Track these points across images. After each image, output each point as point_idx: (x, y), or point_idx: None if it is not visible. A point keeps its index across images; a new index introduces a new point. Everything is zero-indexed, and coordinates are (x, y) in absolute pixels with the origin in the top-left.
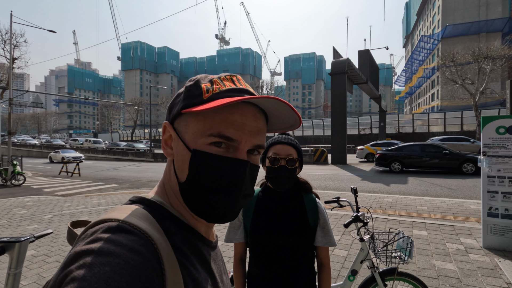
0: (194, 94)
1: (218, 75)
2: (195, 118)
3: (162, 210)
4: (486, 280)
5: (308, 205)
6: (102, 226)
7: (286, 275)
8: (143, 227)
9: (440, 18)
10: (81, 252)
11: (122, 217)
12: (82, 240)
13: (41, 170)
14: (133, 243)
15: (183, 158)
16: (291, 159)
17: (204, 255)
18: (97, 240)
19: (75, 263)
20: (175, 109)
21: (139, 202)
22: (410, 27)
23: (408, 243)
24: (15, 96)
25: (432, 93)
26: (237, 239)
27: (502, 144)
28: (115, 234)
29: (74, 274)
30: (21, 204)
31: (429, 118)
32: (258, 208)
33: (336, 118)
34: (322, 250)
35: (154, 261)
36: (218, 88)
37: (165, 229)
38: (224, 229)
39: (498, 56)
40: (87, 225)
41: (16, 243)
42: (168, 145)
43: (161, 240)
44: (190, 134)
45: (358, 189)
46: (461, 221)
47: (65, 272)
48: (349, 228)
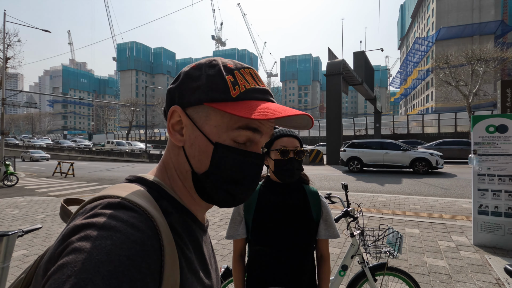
0: (219, 87)
1: (234, 64)
2: (220, 112)
3: (160, 190)
4: (476, 276)
5: (311, 198)
6: (102, 202)
7: (288, 269)
8: (143, 204)
9: (434, 20)
10: (82, 225)
11: (122, 194)
12: (81, 215)
13: (35, 171)
14: (133, 219)
15: (201, 149)
16: (299, 150)
17: (197, 237)
18: (98, 215)
19: (75, 235)
20: (192, 96)
21: (136, 181)
22: (405, 30)
23: (397, 238)
24: (8, 96)
25: (427, 95)
26: (238, 235)
27: (492, 143)
28: (116, 210)
29: (75, 245)
30: (13, 204)
31: (424, 119)
32: (260, 202)
33: (331, 119)
34: (322, 242)
35: (154, 238)
36: (244, 86)
37: (163, 208)
38: (219, 228)
39: (491, 58)
40: (84, 201)
41: (4, 237)
42: (176, 130)
43: (160, 218)
44: (212, 126)
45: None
46: (452, 219)
47: (65, 243)
48: (342, 227)
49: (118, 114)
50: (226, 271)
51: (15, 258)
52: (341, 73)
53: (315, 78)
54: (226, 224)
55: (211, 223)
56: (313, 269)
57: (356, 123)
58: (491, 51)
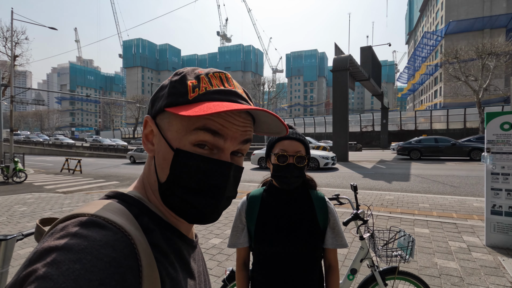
0: (178, 92)
1: (206, 71)
2: (179, 116)
3: (140, 206)
4: (489, 279)
5: (317, 205)
6: (73, 221)
7: (294, 279)
8: (118, 221)
9: (444, 14)
10: (49, 249)
11: (95, 211)
12: (51, 236)
13: (44, 167)
14: (107, 238)
15: (164, 156)
16: (300, 156)
17: (183, 254)
18: (67, 235)
19: (41, 260)
20: (158, 104)
21: (115, 197)
22: (413, 24)
23: (409, 241)
24: (17, 93)
25: (435, 90)
26: (241, 244)
27: (507, 141)
28: (87, 229)
29: (39, 273)
30: (21, 201)
31: (432, 115)
32: (263, 209)
33: (337, 115)
34: (330, 252)
35: (131, 257)
36: (204, 88)
37: (143, 226)
38: (224, 226)
39: (502, 52)
40: (56, 220)
41: (2, 242)
42: (149, 140)
43: (138, 236)
44: (173, 132)
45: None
46: (463, 219)
47: (29, 270)
48: (349, 226)
49: (124, 111)
50: (231, 274)
51: (19, 259)
52: (348, 69)
53: (321, 74)
54: (230, 222)
55: (216, 221)
56: (321, 279)
57: (362, 119)
58: (502, 45)
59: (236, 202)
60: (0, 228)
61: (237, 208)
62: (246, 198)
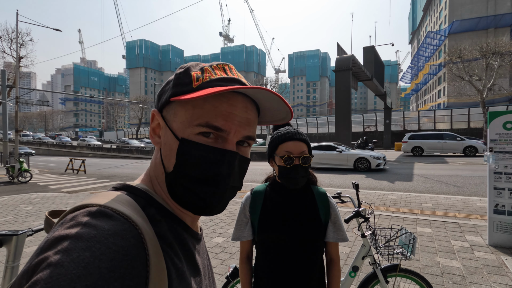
0: (183, 82)
1: (210, 63)
2: (184, 107)
3: (147, 197)
4: (491, 278)
5: (318, 200)
6: (82, 211)
7: (296, 272)
8: (126, 212)
9: (447, 13)
10: (60, 237)
11: (104, 202)
12: (61, 226)
13: (48, 167)
14: (115, 227)
15: (170, 147)
16: (305, 156)
17: (189, 246)
18: (77, 225)
19: (52, 248)
20: (164, 97)
21: (123, 189)
22: (417, 23)
23: (410, 239)
24: (21, 94)
25: (439, 90)
26: (244, 237)
27: (510, 140)
28: (96, 219)
29: (51, 260)
30: (27, 200)
31: (435, 115)
32: (266, 203)
33: (340, 115)
34: (332, 246)
35: (138, 247)
36: (208, 77)
37: (150, 217)
38: (227, 225)
39: (507, 51)
40: (66, 211)
41: (13, 236)
42: (156, 134)
43: (145, 226)
44: (178, 122)
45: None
46: (467, 218)
47: (41, 257)
48: (352, 225)
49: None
50: (234, 271)
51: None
52: (351, 69)
53: (324, 74)
54: (233, 221)
55: (218, 220)
56: (322, 272)
57: (365, 120)
58: (506, 44)
59: (238, 202)
60: (7, 227)
61: (241, 203)
62: (250, 193)
